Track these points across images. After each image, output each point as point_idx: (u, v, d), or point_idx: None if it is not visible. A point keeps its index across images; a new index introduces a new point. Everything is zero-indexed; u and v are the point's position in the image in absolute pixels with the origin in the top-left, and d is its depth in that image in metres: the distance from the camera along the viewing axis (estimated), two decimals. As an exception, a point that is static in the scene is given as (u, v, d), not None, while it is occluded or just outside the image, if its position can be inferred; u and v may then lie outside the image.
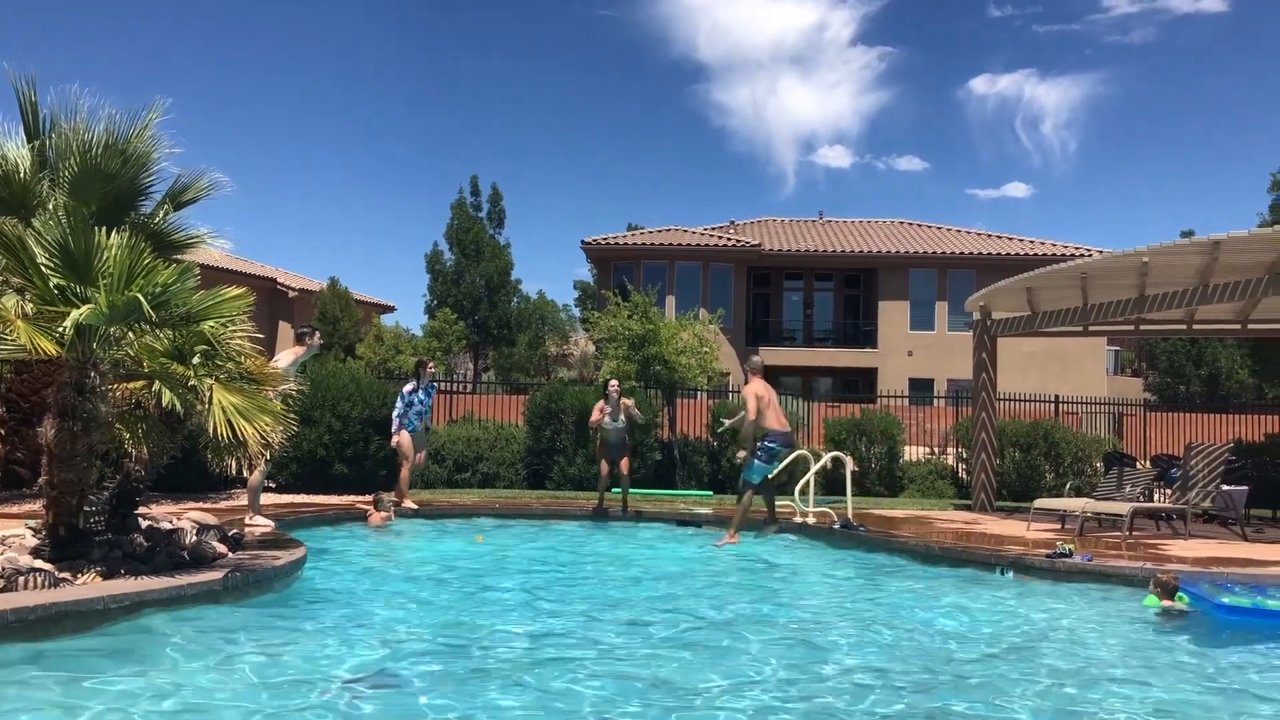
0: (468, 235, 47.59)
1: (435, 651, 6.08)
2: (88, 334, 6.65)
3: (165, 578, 6.81)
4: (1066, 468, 17.57)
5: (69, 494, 7.02)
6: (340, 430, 14.91)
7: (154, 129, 7.56)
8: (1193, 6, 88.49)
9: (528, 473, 17.02)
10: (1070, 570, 9.34)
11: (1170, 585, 7.94)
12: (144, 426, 7.65)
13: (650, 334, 19.19)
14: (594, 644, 6.44)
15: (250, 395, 7.38)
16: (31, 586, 6.25)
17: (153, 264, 6.76)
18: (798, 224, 42.18)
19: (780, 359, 36.87)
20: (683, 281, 35.21)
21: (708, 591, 8.58)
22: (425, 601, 7.75)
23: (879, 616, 7.62)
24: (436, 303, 46.57)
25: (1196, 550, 10.83)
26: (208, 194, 8.26)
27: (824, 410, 21.77)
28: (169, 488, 12.62)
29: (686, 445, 18.16)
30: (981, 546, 10.63)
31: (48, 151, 7.49)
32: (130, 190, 7.68)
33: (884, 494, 17.78)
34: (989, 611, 7.92)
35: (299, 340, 11.46)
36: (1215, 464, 12.59)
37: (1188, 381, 43.13)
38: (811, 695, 5.39)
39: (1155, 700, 5.44)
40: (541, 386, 19.83)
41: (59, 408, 6.90)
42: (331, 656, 5.87)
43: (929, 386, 33.13)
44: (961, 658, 6.34)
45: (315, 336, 11.64)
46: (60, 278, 6.65)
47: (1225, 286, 12.38)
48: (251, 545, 8.65)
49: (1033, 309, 15.29)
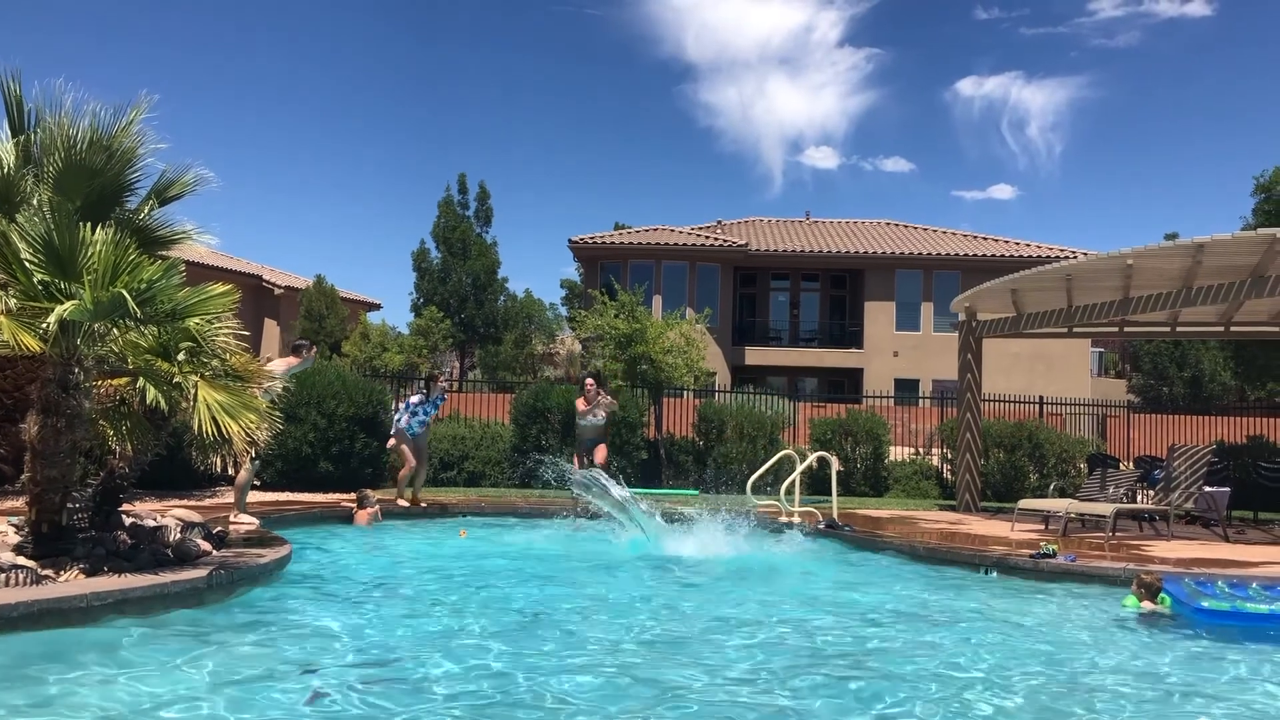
0: (454, 233, 47.47)
1: (410, 652, 6.08)
2: (72, 330, 6.62)
3: (149, 575, 6.78)
4: (1050, 469, 17.67)
5: (52, 491, 6.98)
6: (326, 428, 14.86)
7: (139, 124, 7.53)
8: (1177, 10, 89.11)
9: (513, 470, 17.01)
10: (1054, 570, 9.39)
11: (1154, 586, 7.98)
12: (128, 423, 7.61)
13: (637, 333, 19.19)
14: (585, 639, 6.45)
15: (235, 393, 7.35)
16: (14, 584, 6.22)
17: (138, 260, 6.73)
18: (784, 224, 42.25)
19: (766, 359, 36.92)
20: (669, 281, 35.22)
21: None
22: (406, 599, 7.74)
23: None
24: (423, 300, 46.43)
25: (1179, 551, 10.90)
26: (193, 190, 8.23)
27: (809, 410, 21.82)
28: (153, 485, 12.56)
29: (673, 444, 18.17)
30: (966, 547, 10.68)
31: (33, 147, 7.45)
32: (115, 186, 7.64)
33: (869, 494, 17.83)
34: (974, 612, 7.95)
35: (294, 351, 11.44)
36: (1198, 465, 12.67)
37: (1171, 383, 43.39)
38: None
39: (1129, 701, 5.48)
40: (528, 385, 19.81)
41: (42, 404, 6.86)
42: (310, 655, 5.86)
43: (914, 387, 33.21)
44: (940, 656, 6.37)
45: (311, 350, 11.66)
46: (44, 273, 6.61)
47: (1208, 289, 12.47)
48: (236, 543, 8.63)
49: (1018, 310, 15.36)
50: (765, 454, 16.49)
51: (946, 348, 27.28)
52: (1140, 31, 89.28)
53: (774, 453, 15.55)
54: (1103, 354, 51.99)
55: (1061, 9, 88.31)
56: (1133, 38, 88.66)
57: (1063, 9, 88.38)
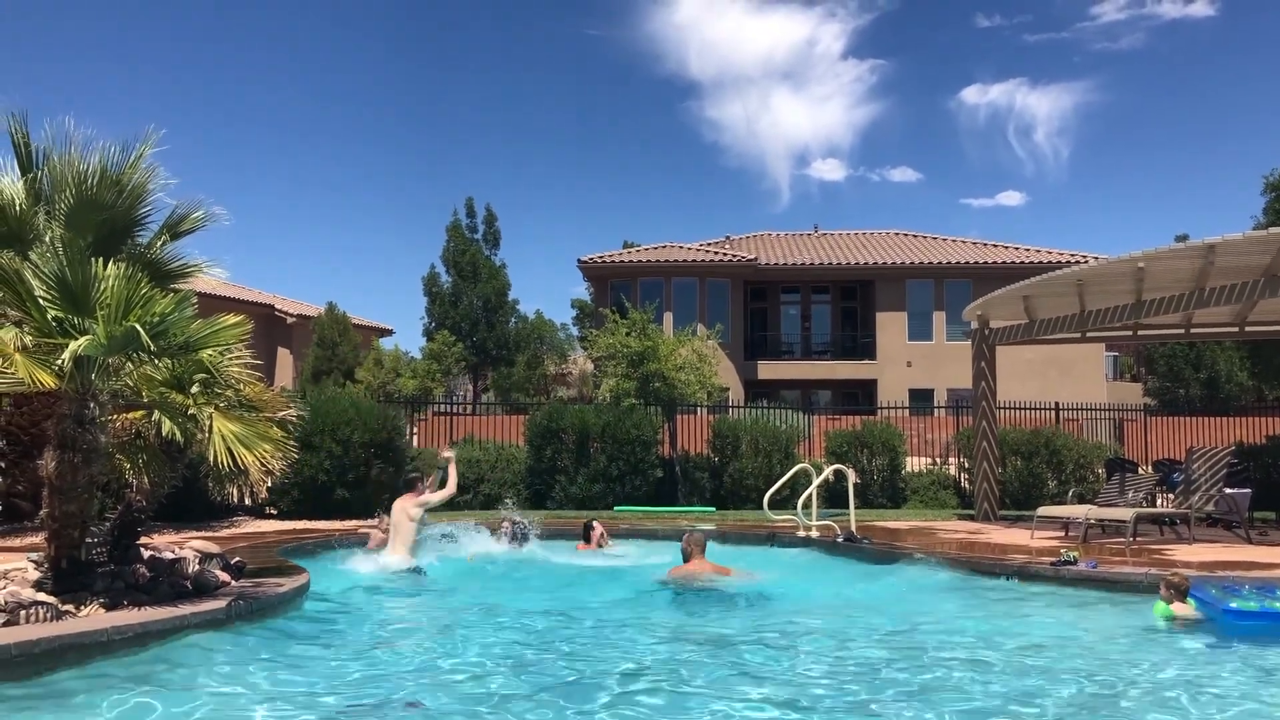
0: (464, 257, 47.56)
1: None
2: (86, 365, 6.65)
3: (168, 607, 6.78)
4: (1069, 475, 17.56)
5: (70, 526, 7.00)
6: (341, 455, 14.88)
7: (149, 159, 7.58)
8: (1181, 12, 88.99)
9: (529, 493, 16.99)
10: (1075, 578, 9.31)
11: (1181, 586, 7.85)
12: (144, 456, 7.65)
13: (649, 351, 19.19)
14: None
15: (250, 423, 7.38)
16: (34, 620, 6.23)
17: (150, 294, 6.77)
18: (793, 238, 42.27)
19: (779, 373, 36.85)
20: (680, 298, 35.22)
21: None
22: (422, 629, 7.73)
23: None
24: (435, 325, 46.49)
25: (1201, 554, 10.81)
26: (204, 225, 8.27)
27: (824, 423, 21.77)
28: (170, 517, 12.59)
29: (688, 461, 18.14)
30: (986, 556, 10.62)
31: (42, 184, 7.50)
32: (126, 221, 7.69)
33: (887, 506, 17.75)
34: (1003, 620, 7.90)
35: (410, 487, 11.11)
36: (1217, 467, 12.58)
37: (1187, 385, 43.10)
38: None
39: (1164, 708, 5.43)
40: (541, 406, 19.82)
41: (59, 440, 6.89)
42: (336, 684, 5.85)
43: (929, 396, 33.09)
44: (982, 664, 6.32)
45: (429, 479, 12.18)
46: (58, 309, 6.66)
47: (1222, 290, 12.40)
48: (255, 573, 8.63)
49: (1030, 316, 15.30)
50: (781, 468, 16.45)
51: (960, 356, 27.17)
52: (1144, 34, 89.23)
53: (790, 467, 15.51)
54: (1117, 358, 51.73)
55: (1063, 14, 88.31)
56: (1137, 40, 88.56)
57: (1065, 14, 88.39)
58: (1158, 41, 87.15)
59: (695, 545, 9.74)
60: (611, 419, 16.92)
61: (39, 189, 7.48)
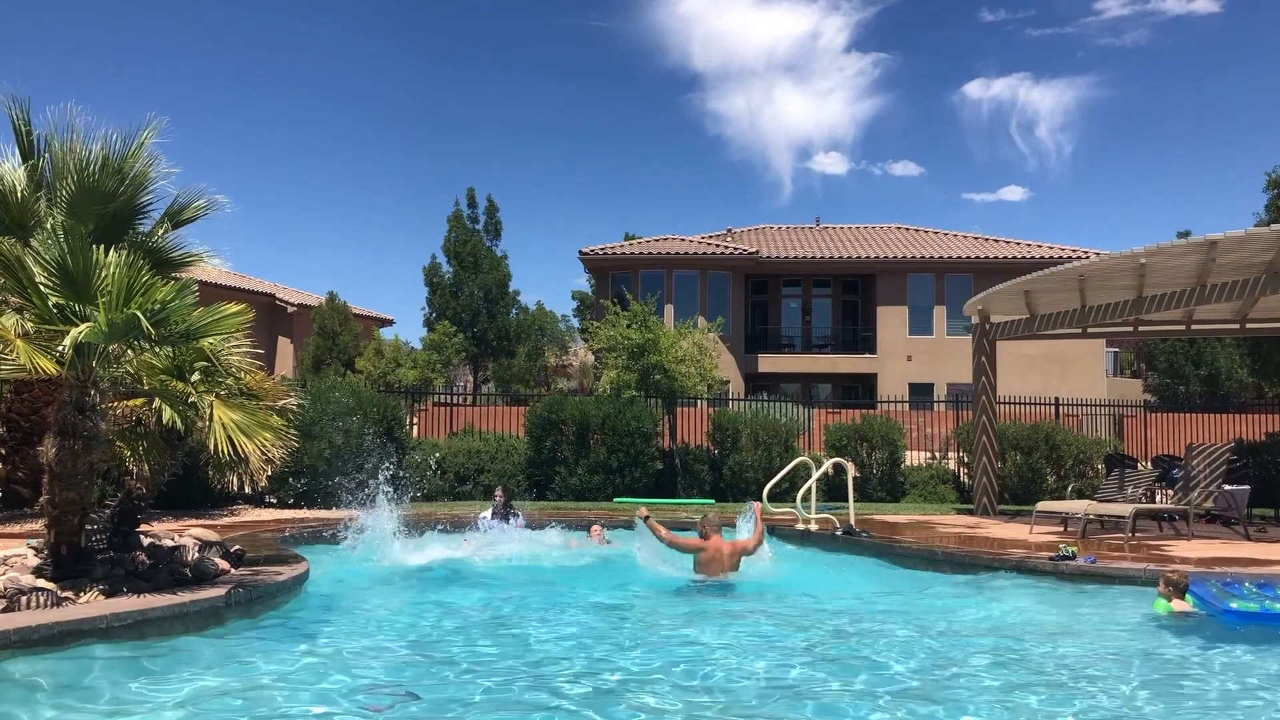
0: (465, 247, 47.48)
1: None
2: (87, 352, 6.65)
3: (167, 595, 6.80)
4: (1068, 470, 17.57)
5: (70, 513, 7.01)
6: (342, 445, 14.89)
7: (150, 147, 7.57)
8: (1184, 8, 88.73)
9: (529, 484, 17.01)
10: (1074, 572, 9.33)
11: (1180, 584, 7.86)
12: (144, 444, 7.66)
13: (650, 343, 19.19)
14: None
15: (250, 411, 7.39)
16: (34, 606, 6.24)
17: (151, 281, 6.77)
18: (795, 231, 42.21)
19: (779, 366, 36.84)
20: (681, 290, 35.19)
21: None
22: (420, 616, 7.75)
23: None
24: (435, 315, 46.42)
25: (1200, 551, 10.82)
26: (206, 214, 8.27)
27: (824, 416, 21.77)
28: (170, 505, 12.62)
29: (688, 453, 18.15)
30: (985, 550, 10.63)
31: (44, 171, 7.50)
32: (128, 209, 7.69)
33: (886, 499, 17.76)
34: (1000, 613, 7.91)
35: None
36: (1217, 464, 12.59)
37: (1187, 382, 43.05)
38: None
39: (1162, 704, 5.44)
40: (541, 398, 19.83)
41: (59, 426, 6.90)
42: (334, 670, 5.87)
43: (929, 391, 33.08)
44: (972, 659, 6.33)
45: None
46: (59, 296, 6.66)
47: (1223, 286, 12.39)
48: (254, 561, 8.64)
49: (1031, 312, 15.30)
50: (780, 461, 16.48)
51: (960, 351, 27.16)
52: (1148, 30, 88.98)
53: (789, 460, 15.52)
54: (1118, 353, 51.69)
55: (1067, 9, 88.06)
56: (1140, 36, 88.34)
57: (1069, 9, 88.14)
58: (1161, 37, 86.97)
59: (711, 526, 9.79)
60: (612, 411, 16.93)
61: (40, 176, 7.48)
